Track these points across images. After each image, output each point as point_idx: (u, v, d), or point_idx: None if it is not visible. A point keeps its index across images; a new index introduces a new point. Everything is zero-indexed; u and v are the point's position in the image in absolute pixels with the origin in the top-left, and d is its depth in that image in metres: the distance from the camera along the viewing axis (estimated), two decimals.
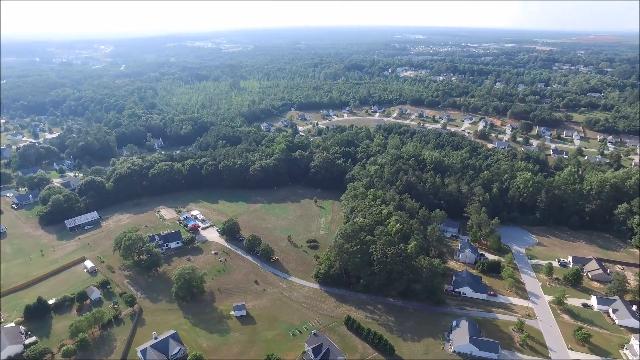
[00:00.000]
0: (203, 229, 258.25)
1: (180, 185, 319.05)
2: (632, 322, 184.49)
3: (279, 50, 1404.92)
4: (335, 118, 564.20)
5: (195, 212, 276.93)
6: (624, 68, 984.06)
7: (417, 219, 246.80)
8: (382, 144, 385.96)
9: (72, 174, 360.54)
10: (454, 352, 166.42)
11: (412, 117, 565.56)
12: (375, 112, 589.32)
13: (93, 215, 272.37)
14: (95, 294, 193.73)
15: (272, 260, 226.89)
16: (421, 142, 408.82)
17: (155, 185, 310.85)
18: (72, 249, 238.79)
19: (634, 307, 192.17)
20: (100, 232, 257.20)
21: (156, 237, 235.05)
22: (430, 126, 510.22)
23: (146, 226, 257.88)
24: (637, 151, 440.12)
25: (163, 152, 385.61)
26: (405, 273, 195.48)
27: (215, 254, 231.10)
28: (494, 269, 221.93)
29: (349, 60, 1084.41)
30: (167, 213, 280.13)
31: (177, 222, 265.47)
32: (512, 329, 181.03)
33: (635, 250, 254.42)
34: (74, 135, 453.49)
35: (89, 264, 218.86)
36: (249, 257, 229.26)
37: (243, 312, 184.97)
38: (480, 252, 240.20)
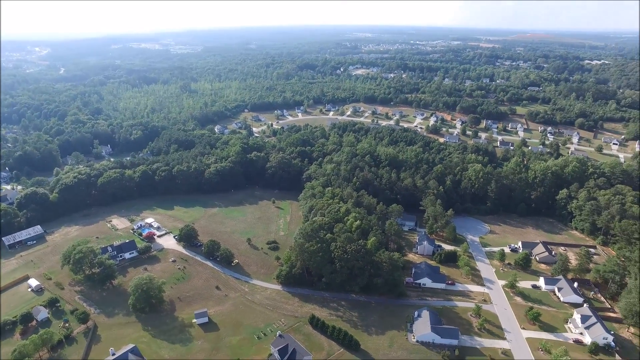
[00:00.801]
0: (159, 236, 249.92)
1: (133, 193, 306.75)
2: (575, 298, 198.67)
3: (230, 51, 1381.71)
4: (290, 118, 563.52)
5: (150, 220, 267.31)
6: (558, 64, 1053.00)
7: (375, 214, 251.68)
8: (338, 142, 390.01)
9: (9, 187, 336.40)
10: (417, 341, 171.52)
11: (366, 114, 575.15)
12: (329, 110, 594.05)
13: (36, 229, 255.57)
14: (42, 313, 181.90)
15: (232, 264, 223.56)
16: (376, 139, 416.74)
17: (106, 194, 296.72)
18: (12, 268, 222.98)
19: (576, 284, 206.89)
20: (45, 248, 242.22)
21: (109, 248, 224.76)
22: (383, 123, 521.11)
23: (97, 237, 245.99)
24: (573, 140, 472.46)
25: (112, 160, 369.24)
26: (366, 268, 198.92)
27: (174, 261, 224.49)
28: (450, 259, 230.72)
29: (301, 59, 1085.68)
30: (119, 222, 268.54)
31: (131, 232, 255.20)
32: (470, 315, 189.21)
33: (575, 232, 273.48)
34: (9, 145, 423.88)
35: (33, 282, 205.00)
36: (209, 263, 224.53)
37: (205, 319, 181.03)
38: (437, 243, 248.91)
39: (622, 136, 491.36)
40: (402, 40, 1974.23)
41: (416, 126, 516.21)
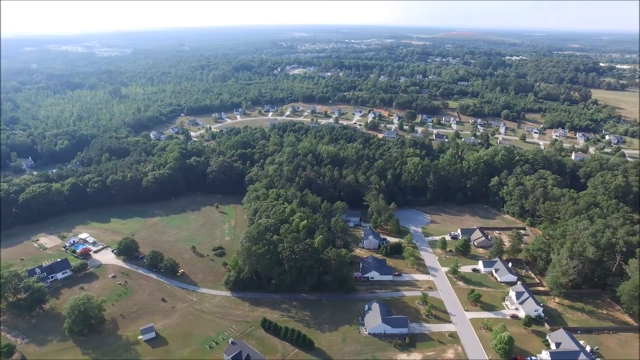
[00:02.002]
0: (95, 252, 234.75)
1: (62, 208, 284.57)
2: (510, 277, 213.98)
3: (162, 53, 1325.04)
4: (229, 120, 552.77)
5: (84, 235, 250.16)
6: (483, 60, 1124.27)
7: (320, 212, 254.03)
8: (279, 143, 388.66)
9: None
10: (369, 334, 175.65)
11: (305, 113, 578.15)
12: (268, 111, 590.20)
13: None
14: None
15: (178, 274, 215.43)
16: (316, 137, 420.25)
17: (30, 211, 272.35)
18: None
19: (510, 265, 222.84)
20: None
21: (37, 270, 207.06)
22: (323, 121, 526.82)
23: (22, 259, 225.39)
24: (501, 130, 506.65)
25: (35, 173, 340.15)
26: (315, 267, 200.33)
27: (113, 277, 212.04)
28: (396, 251, 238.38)
29: (237, 60, 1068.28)
30: (48, 241, 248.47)
31: (63, 249, 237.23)
32: (418, 303, 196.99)
33: (507, 216, 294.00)
34: None
35: None
36: (153, 275, 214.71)
37: (152, 334, 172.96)
38: (382, 236, 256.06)
39: (541, 125, 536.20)
40: (338, 39, 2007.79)
41: (355, 123, 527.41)
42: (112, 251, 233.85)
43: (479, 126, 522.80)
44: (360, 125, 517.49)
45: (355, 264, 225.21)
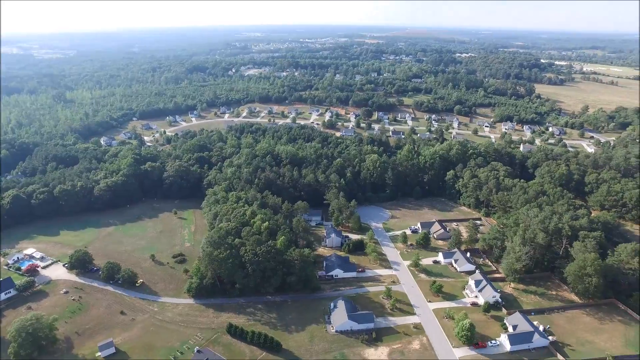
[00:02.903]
0: (44, 267, 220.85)
1: (2, 223, 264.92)
2: (469, 267, 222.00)
3: (110, 55, 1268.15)
4: (184, 124, 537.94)
5: (29, 251, 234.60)
6: (435, 57, 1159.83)
7: (281, 213, 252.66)
8: (236, 145, 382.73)
9: None
10: (336, 331, 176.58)
11: (262, 114, 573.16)
12: (224, 113, 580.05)
13: None
14: None
15: (137, 284, 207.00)
16: (274, 138, 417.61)
17: None
18: None
19: (468, 254, 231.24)
20: None
21: None
22: (280, 122, 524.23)
23: None
24: (454, 125, 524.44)
25: None
26: (278, 268, 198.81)
27: (66, 292, 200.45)
28: (358, 248, 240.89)
29: (190, 62, 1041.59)
30: None
31: (6, 267, 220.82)
32: (382, 297, 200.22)
33: (464, 207, 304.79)
34: None
35: None
36: (109, 287, 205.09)
37: (112, 350, 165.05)
38: (344, 234, 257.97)
39: (491, 119, 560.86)
40: (292, 38, 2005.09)
41: (313, 122, 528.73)
42: (64, 265, 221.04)
43: (433, 122, 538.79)
44: (317, 124, 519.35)
45: (319, 262, 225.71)
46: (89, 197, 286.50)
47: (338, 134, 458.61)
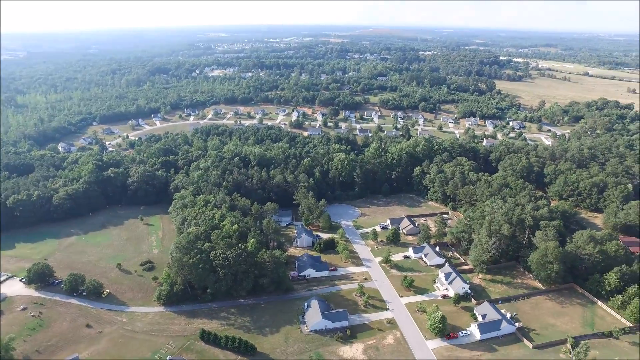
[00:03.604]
0: None
1: None
2: (438, 260, 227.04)
3: (65, 57, 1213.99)
4: (147, 127, 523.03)
5: None
6: (399, 55, 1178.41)
7: (251, 215, 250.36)
8: (203, 148, 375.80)
9: None
10: (311, 331, 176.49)
11: (228, 116, 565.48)
12: (189, 115, 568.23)
13: None
14: None
15: (103, 295, 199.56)
16: (241, 139, 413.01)
17: None
18: None
19: (437, 248, 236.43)
20: None
21: None
22: (247, 123, 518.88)
23: None
24: (419, 122, 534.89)
25: None
26: (250, 271, 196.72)
27: (24, 309, 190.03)
28: (330, 246, 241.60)
29: (152, 63, 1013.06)
30: None
31: None
32: (355, 295, 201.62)
33: (432, 202, 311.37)
34: None
35: None
36: (73, 300, 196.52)
37: None
38: (315, 233, 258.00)
39: (455, 115, 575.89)
40: (256, 38, 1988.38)
41: (279, 123, 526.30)
42: (21, 280, 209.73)
43: (399, 119, 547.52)
44: (284, 124, 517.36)
45: (291, 263, 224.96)
46: (47, 207, 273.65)
47: (305, 134, 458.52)
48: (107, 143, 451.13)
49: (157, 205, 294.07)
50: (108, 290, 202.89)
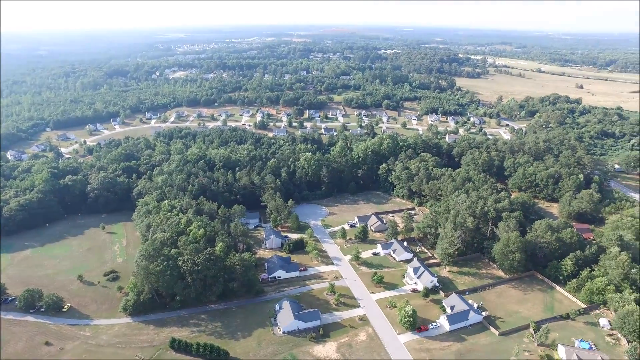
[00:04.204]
0: None
1: None
2: (406, 256, 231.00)
3: (11, 59, 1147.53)
4: (106, 132, 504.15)
5: None
6: (361, 54, 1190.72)
7: (218, 219, 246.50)
8: (166, 152, 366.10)
9: None
10: (284, 333, 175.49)
11: (191, 118, 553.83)
12: (150, 119, 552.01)
13: None
14: None
15: (63, 310, 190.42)
16: (205, 142, 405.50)
17: None
18: None
19: (405, 244, 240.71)
20: None
21: None
22: (211, 125, 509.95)
23: None
24: (383, 120, 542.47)
25: None
26: (219, 275, 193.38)
27: None
28: (299, 247, 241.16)
29: (109, 66, 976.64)
30: None
31: None
32: (326, 294, 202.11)
33: (398, 199, 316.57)
34: None
35: None
36: (30, 317, 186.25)
37: None
38: (284, 234, 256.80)
39: (418, 112, 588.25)
40: (218, 39, 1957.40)
41: (244, 124, 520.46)
42: None
43: (363, 117, 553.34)
44: (249, 125, 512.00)
45: (261, 265, 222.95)
46: None
47: (271, 135, 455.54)
48: (62, 150, 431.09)
49: (120, 213, 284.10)
50: (69, 304, 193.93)
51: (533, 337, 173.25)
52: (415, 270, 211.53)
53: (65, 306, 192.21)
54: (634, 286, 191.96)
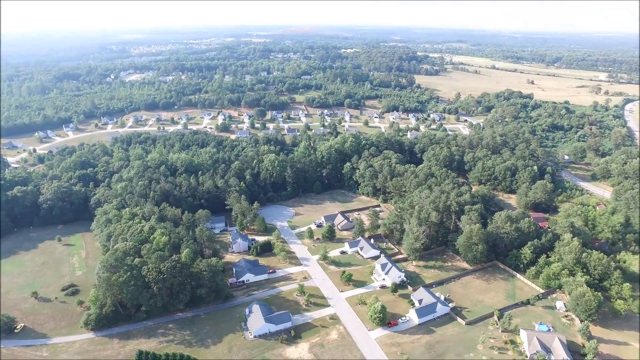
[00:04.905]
0: None
1: None
2: (374, 253, 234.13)
3: None
4: (59, 139, 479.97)
5: None
6: (322, 53, 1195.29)
7: (182, 225, 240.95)
8: (124, 158, 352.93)
9: None
10: (255, 337, 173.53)
11: (150, 122, 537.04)
12: (106, 124, 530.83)
13: None
14: None
15: (16, 330, 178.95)
16: (166, 146, 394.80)
17: None
18: None
19: (372, 241, 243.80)
20: None
21: None
22: (171, 129, 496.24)
23: None
24: (346, 118, 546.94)
25: None
26: (186, 282, 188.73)
27: None
28: (266, 249, 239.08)
29: (58, 69, 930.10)
30: None
31: None
32: (296, 295, 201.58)
33: (363, 197, 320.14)
34: None
35: None
36: None
37: None
38: (250, 237, 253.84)
39: (379, 110, 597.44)
40: (175, 40, 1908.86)
41: (205, 127, 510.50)
42: None
43: (326, 116, 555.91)
44: (211, 128, 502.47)
45: (228, 270, 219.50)
46: None
47: (233, 137, 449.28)
48: (9, 159, 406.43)
49: (77, 224, 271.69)
50: (22, 324, 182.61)
51: (497, 324, 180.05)
52: (383, 266, 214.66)
53: (19, 326, 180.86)
54: (585, 269, 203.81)
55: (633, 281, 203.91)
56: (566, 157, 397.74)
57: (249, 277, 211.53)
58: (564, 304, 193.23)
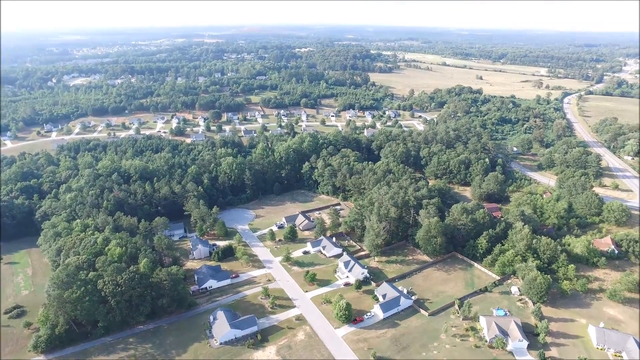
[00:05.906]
0: None
1: None
2: (336, 251, 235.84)
3: None
4: None
5: None
6: (276, 53, 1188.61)
7: (139, 234, 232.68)
8: (73, 166, 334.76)
9: None
10: (221, 343, 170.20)
11: (99, 128, 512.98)
12: (50, 131, 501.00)
13: None
14: None
15: None
16: (118, 153, 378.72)
17: None
18: None
19: (334, 239, 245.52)
20: None
21: None
22: (122, 134, 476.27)
23: None
24: (303, 118, 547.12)
25: None
26: (146, 293, 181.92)
27: None
28: (228, 254, 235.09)
29: None
30: None
31: None
32: (261, 298, 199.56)
33: (323, 196, 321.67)
34: None
35: None
36: None
37: None
38: (211, 242, 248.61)
39: (336, 108, 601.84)
40: (122, 41, 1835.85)
41: (159, 131, 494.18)
42: None
43: (282, 117, 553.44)
44: (165, 132, 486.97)
45: (190, 277, 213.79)
46: None
47: (189, 141, 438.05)
48: None
49: (21, 240, 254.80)
50: None
51: (458, 313, 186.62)
52: (346, 264, 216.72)
53: None
54: (535, 254, 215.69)
55: (577, 262, 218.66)
56: (515, 149, 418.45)
57: (212, 284, 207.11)
58: (518, 288, 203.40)
